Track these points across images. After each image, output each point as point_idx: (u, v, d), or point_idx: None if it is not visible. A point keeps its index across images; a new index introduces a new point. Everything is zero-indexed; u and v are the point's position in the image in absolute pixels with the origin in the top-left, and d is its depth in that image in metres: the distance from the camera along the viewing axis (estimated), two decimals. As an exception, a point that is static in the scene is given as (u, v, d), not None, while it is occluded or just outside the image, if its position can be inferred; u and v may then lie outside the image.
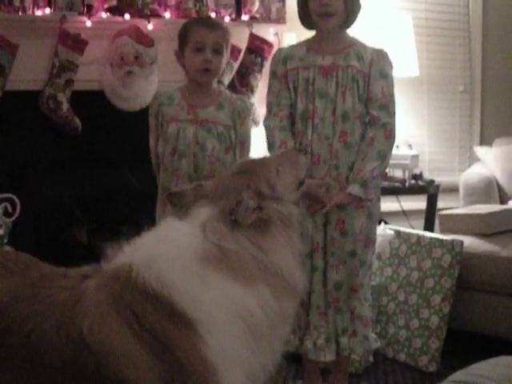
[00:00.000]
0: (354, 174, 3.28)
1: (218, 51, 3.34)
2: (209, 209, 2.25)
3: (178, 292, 2.03)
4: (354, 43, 3.36)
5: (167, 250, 2.14)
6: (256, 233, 2.18)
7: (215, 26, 3.39)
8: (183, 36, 3.40)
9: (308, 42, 3.43)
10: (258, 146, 5.14)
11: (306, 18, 3.39)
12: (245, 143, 3.52)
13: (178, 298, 2.03)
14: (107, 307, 2.05)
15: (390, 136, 3.31)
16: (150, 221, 4.74)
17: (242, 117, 3.48)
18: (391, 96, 3.34)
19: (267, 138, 3.41)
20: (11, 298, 2.15)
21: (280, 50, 3.48)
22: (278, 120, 3.35)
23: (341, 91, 3.29)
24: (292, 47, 3.46)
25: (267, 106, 3.45)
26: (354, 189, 3.24)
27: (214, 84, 3.54)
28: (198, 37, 3.32)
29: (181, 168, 3.36)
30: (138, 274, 2.07)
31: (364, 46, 3.37)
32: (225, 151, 3.40)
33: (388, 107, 3.31)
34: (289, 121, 3.37)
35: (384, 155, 3.29)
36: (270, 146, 3.37)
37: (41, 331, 2.06)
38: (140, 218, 4.76)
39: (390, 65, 3.37)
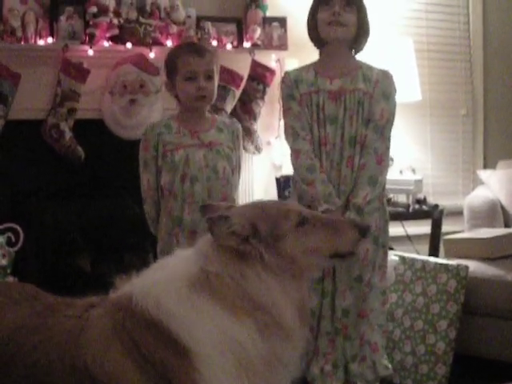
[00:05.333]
0: (349, 200, 3.28)
1: (210, 77, 3.31)
2: None
3: (173, 319, 2.01)
4: (360, 65, 3.37)
5: (164, 276, 2.13)
6: (241, 262, 2.10)
7: (203, 52, 3.34)
8: (172, 66, 3.36)
9: (315, 65, 3.43)
10: (262, 171, 5.17)
11: (313, 31, 3.39)
12: (240, 168, 3.54)
13: (173, 325, 2.00)
14: (110, 336, 2.03)
15: (381, 160, 3.30)
16: (153, 249, 4.76)
17: (239, 139, 3.49)
18: (389, 120, 3.33)
19: (302, 161, 3.33)
20: (17, 328, 2.13)
21: (288, 73, 3.47)
22: (308, 144, 3.33)
23: (348, 115, 3.29)
24: (299, 70, 3.45)
25: (290, 129, 3.39)
26: (351, 216, 3.24)
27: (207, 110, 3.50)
28: (188, 66, 3.29)
29: (194, 194, 3.30)
30: (137, 302, 2.06)
31: (370, 67, 3.38)
32: (232, 172, 3.40)
33: (383, 130, 3.31)
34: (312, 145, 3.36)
35: (376, 180, 3.28)
36: (311, 169, 3.30)
37: (46, 361, 2.04)
38: (143, 246, 4.76)
39: (394, 87, 3.38)
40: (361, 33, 3.35)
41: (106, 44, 4.59)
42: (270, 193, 5.06)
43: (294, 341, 2.14)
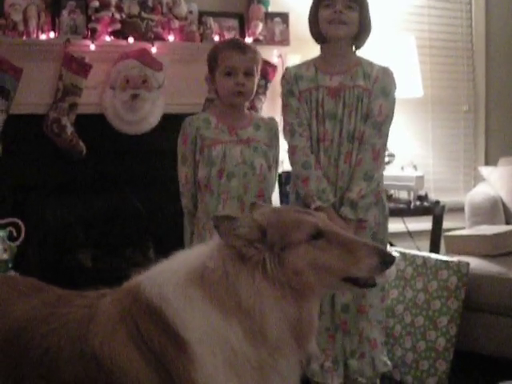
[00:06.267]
0: (344, 195, 3.29)
1: (249, 74, 3.33)
2: None
3: (171, 308, 2.04)
4: (360, 62, 3.37)
5: (170, 266, 2.16)
6: (241, 263, 2.07)
7: (245, 49, 3.36)
8: (213, 60, 3.38)
9: (315, 61, 3.43)
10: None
11: (315, 28, 3.39)
12: (277, 164, 3.56)
13: (170, 314, 2.03)
14: (117, 322, 2.06)
15: (377, 157, 3.31)
16: (154, 244, 4.77)
17: (277, 136, 3.50)
18: (387, 116, 3.33)
19: (298, 158, 3.35)
20: (29, 318, 2.17)
21: (289, 69, 3.48)
22: (305, 141, 3.34)
23: (347, 111, 3.30)
24: (299, 66, 3.46)
25: (288, 126, 3.40)
26: (345, 211, 3.26)
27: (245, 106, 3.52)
28: (229, 61, 3.31)
29: (230, 189, 3.32)
30: (144, 289, 2.09)
31: (370, 64, 3.38)
32: (268, 169, 3.41)
33: (381, 127, 3.31)
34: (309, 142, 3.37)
35: (371, 176, 3.30)
36: (305, 166, 3.32)
37: (57, 348, 2.08)
38: (144, 242, 4.76)
39: (394, 84, 3.38)
40: (362, 30, 3.35)
41: (108, 39, 4.59)
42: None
43: (287, 355, 2.08)
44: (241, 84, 3.30)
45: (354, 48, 3.44)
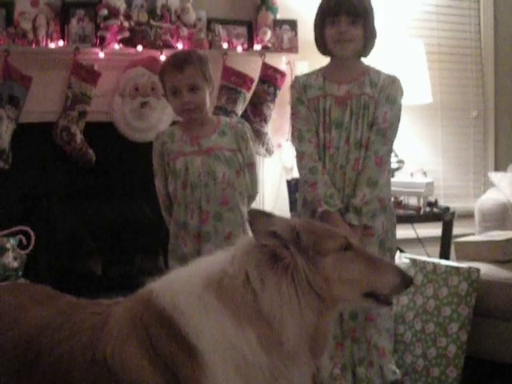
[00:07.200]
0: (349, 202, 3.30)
1: (194, 89, 3.34)
2: None
3: (183, 316, 2.02)
4: (368, 70, 3.38)
5: (186, 273, 2.16)
6: (268, 267, 2.05)
7: (183, 66, 3.35)
8: (162, 82, 3.46)
9: (323, 70, 3.45)
10: (273, 174, 5.17)
11: (321, 45, 3.40)
12: (252, 165, 3.53)
13: (182, 323, 2.02)
14: (128, 329, 2.06)
15: (381, 162, 3.30)
16: (164, 252, 4.77)
17: (246, 139, 3.49)
18: (392, 123, 3.33)
19: (305, 163, 3.36)
20: (43, 325, 2.18)
21: (298, 78, 3.49)
22: (313, 147, 3.35)
23: (354, 119, 3.30)
24: (308, 76, 3.47)
25: (296, 132, 3.41)
26: (349, 217, 3.26)
27: (210, 114, 3.55)
28: (170, 82, 3.36)
29: (194, 200, 3.36)
30: (156, 297, 2.09)
31: (378, 73, 3.39)
32: (236, 175, 3.41)
33: (386, 133, 3.31)
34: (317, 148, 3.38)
35: (375, 182, 3.29)
36: (313, 171, 3.32)
37: (70, 355, 2.09)
38: (154, 249, 4.76)
39: (401, 91, 3.38)
40: (368, 41, 3.35)
41: (117, 47, 4.60)
42: (281, 195, 5.06)
43: (301, 366, 2.07)
44: (186, 102, 3.33)
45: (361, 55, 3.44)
